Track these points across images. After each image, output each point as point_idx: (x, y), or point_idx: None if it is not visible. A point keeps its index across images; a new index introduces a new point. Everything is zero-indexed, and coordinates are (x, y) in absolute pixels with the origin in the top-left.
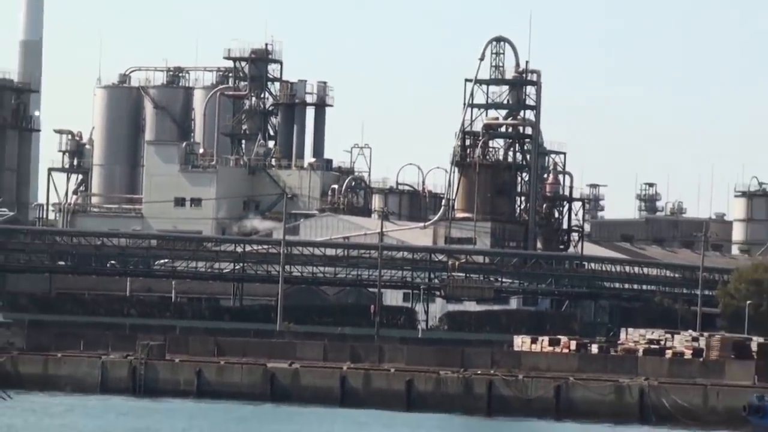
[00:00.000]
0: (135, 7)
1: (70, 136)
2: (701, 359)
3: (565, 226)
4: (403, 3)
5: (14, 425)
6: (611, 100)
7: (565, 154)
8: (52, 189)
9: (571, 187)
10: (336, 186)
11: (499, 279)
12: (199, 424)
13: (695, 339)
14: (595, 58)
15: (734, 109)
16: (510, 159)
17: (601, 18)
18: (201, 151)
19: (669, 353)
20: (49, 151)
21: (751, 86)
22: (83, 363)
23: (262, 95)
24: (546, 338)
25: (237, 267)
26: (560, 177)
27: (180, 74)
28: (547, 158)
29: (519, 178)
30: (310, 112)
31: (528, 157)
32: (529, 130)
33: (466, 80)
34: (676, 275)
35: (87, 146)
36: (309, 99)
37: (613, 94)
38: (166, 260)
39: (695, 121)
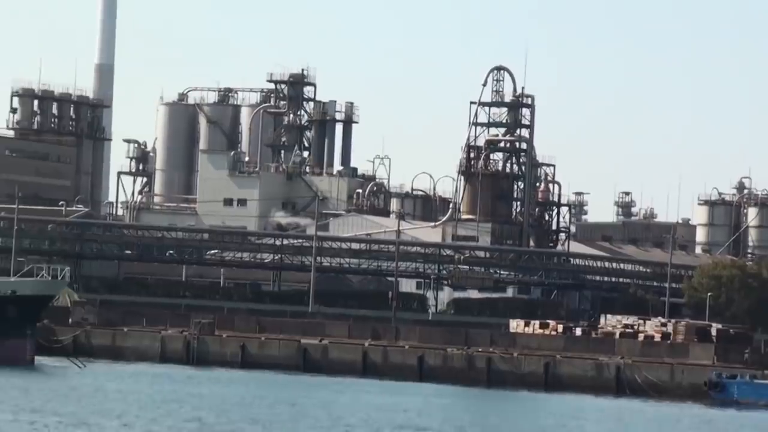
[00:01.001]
0: (192, 36)
1: (136, 145)
2: (669, 342)
3: (554, 227)
4: (417, 36)
5: (93, 387)
6: (594, 120)
7: (554, 166)
8: (120, 190)
9: (559, 195)
10: (360, 190)
11: (498, 271)
12: (244, 389)
13: (664, 325)
14: (580, 84)
15: (699, 129)
16: (508, 170)
17: (583, 50)
18: (246, 159)
19: (641, 336)
20: (118, 158)
21: (712, 111)
22: (145, 337)
23: (299, 113)
24: (537, 322)
25: (276, 257)
26: (550, 186)
27: (229, 94)
28: (539, 169)
29: (515, 186)
30: (339, 128)
31: (523, 168)
32: (524, 146)
33: (471, 102)
34: (648, 270)
35: (150, 154)
36: (338, 116)
37: (596, 115)
38: (216, 251)
39: (665, 139)
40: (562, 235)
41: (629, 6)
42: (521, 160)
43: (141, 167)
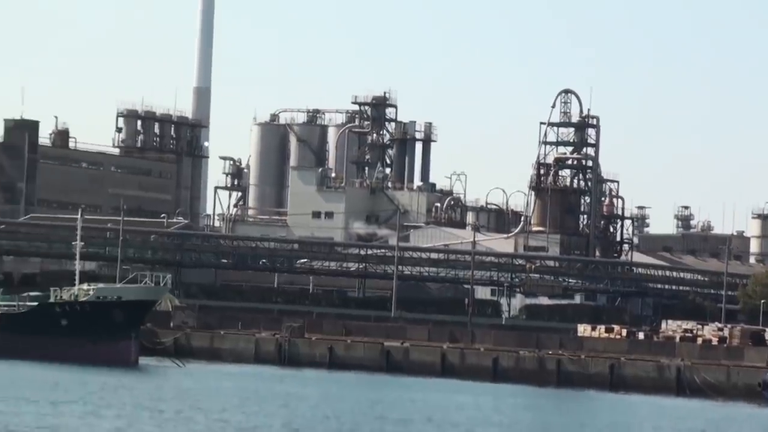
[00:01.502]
0: (283, 61)
1: (231, 162)
2: (725, 345)
3: (618, 238)
4: (492, 61)
5: (192, 386)
6: (655, 139)
7: (618, 182)
8: (217, 203)
9: (623, 208)
10: (438, 204)
11: (566, 279)
12: (332, 388)
13: (720, 329)
14: (642, 105)
15: (752, 147)
16: (575, 185)
17: (644, 74)
18: (333, 175)
19: (700, 340)
20: (215, 174)
21: (764, 131)
22: (241, 339)
23: (381, 132)
24: (603, 327)
25: (361, 266)
26: (614, 200)
27: (317, 115)
28: (604, 185)
29: (582, 201)
30: (418, 146)
31: (589, 184)
32: (590, 163)
33: (541, 123)
34: (706, 279)
35: (245, 170)
36: (418, 136)
37: (657, 134)
38: (305, 260)
39: (722, 157)
40: (626, 246)
41: (683, 33)
42: (587, 177)
43: (236, 182)
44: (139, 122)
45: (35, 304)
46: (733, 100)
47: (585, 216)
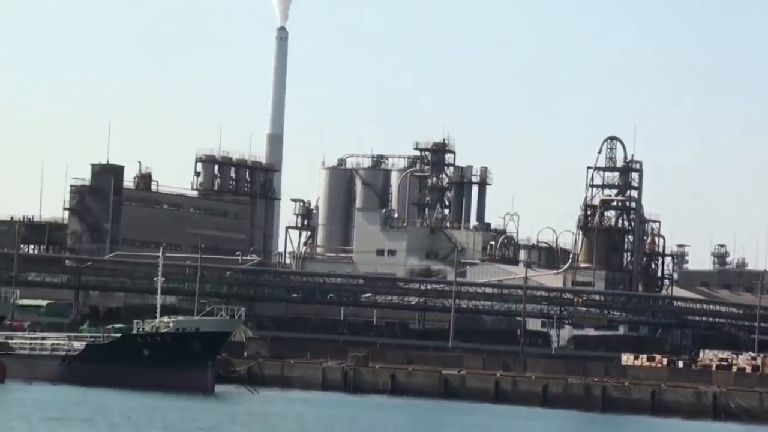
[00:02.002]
0: (349, 109)
1: (302, 204)
2: (758, 373)
3: (659, 274)
4: (542, 109)
5: (265, 411)
6: (694, 182)
7: (659, 222)
8: (288, 242)
9: (663, 246)
10: (493, 242)
11: (611, 312)
12: (396, 414)
13: (754, 358)
14: (682, 151)
15: None
16: (619, 225)
17: (683, 122)
18: (396, 215)
19: (735, 368)
20: (286, 215)
21: None
22: (309, 368)
23: (441, 176)
24: (645, 356)
25: (421, 300)
26: (656, 239)
27: (381, 160)
28: (646, 225)
29: (626, 239)
30: (474, 189)
31: (632, 224)
32: (633, 205)
33: (588, 167)
34: (740, 312)
35: (314, 211)
36: (474, 179)
37: (695, 177)
38: (369, 294)
39: (755, 198)
40: (666, 282)
41: (714, 88)
42: (631, 217)
43: (306, 223)
44: (216, 167)
45: (119, 335)
46: (763, 144)
47: (628, 253)
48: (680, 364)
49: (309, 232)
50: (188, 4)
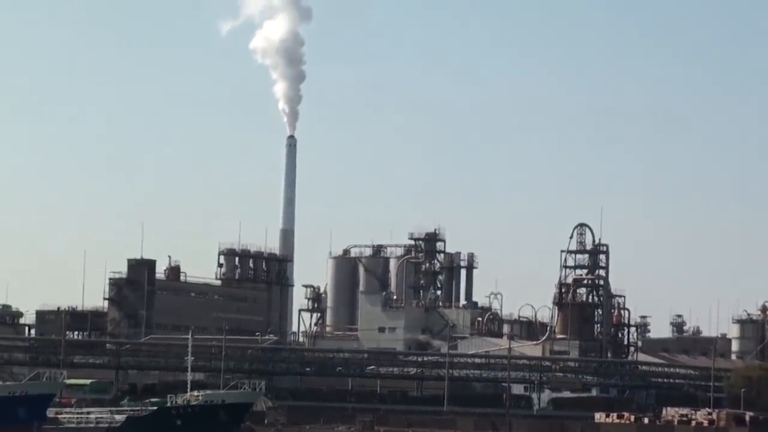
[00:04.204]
0: (352, 205)
1: (312, 289)
2: (714, 427)
3: (625, 342)
4: (521, 199)
5: None
6: (654, 261)
7: (624, 296)
8: (301, 323)
9: (629, 318)
10: (480, 319)
11: (585, 376)
12: None
13: (710, 414)
14: (644, 233)
15: (732, 265)
16: (590, 301)
17: (645, 210)
18: (395, 297)
19: (693, 423)
20: (299, 299)
21: (742, 251)
22: None
23: (433, 262)
24: (615, 414)
25: (418, 370)
26: (622, 311)
27: (381, 249)
28: (613, 300)
29: (596, 313)
30: (463, 272)
31: (601, 299)
32: (602, 282)
33: (561, 251)
34: (697, 373)
35: (323, 295)
36: (462, 264)
37: (655, 257)
38: (373, 366)
39: (708, 274)
40: (632, 348)
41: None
42: (600, 293)
43: (316, 305)
44: (236, 259)
45: (155, 408)
46: (714, 226)
47: (598, 325)
48: (646, 420)
49: (319, 314)
50: (210, 116)
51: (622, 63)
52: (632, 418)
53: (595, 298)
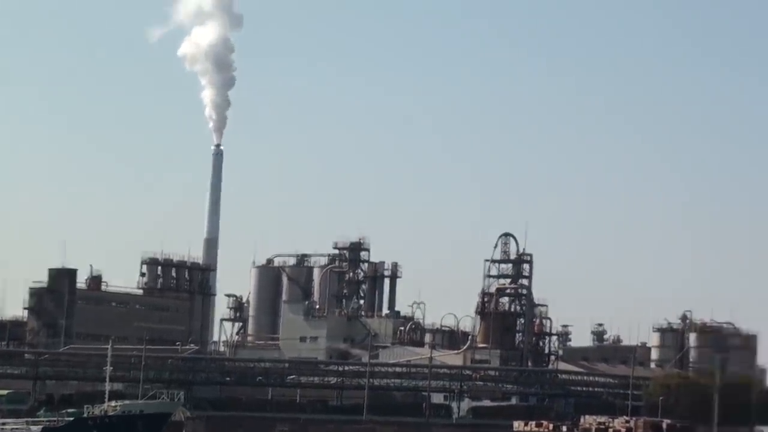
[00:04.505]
0: (276, 214)
1: (234, 298)
2: None
3: (546, 351)
4: (444, 208)
5: None
6: (576, 272)
7: (547, 306)
8: (222, 332)
9: (550, 327)
10: (402, 328)
11: (505, 385)
12: None
13: (628, 422)
14: (566, 244)
15: (652, 275)
16: (512, 310)
17: (569, 220)
18: (317, 306)
19: (611, 431)
20: (221, 308)
21: (662, 262)
22: None
23: (357, 271)
24: (533, 422)
25: (339, 380)
26: (544, 321)
27: (305, 258)
28: (535, 309)
29: (518, 322)
30: (386, 282)
31: (523, 308)
32: (524, 292)
33: (485, 260)
34: (616, 381)
35: (245, 304)
36: (386, 273)
37: (578, 268)
38: (294, 376)
39: (628, 285)
40: (553, 357)
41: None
42: (522, 303)
43: (238, 315)
44: (159, 268)
45: (71, 419)
46: (634, 236)
47: (520, 334)
48: (564, 428)
49: (241, 323)
50: (135, 124)
51: (531, 70)
52: (551, 426)
53: (518, 308)
